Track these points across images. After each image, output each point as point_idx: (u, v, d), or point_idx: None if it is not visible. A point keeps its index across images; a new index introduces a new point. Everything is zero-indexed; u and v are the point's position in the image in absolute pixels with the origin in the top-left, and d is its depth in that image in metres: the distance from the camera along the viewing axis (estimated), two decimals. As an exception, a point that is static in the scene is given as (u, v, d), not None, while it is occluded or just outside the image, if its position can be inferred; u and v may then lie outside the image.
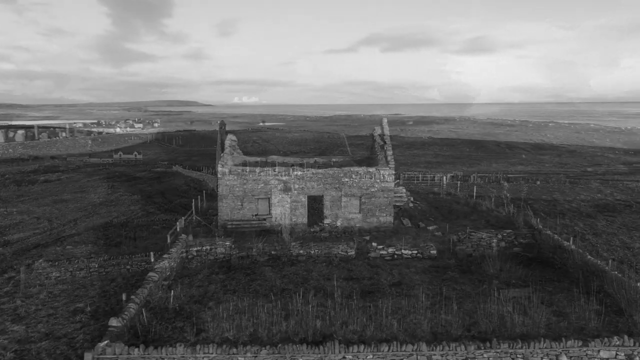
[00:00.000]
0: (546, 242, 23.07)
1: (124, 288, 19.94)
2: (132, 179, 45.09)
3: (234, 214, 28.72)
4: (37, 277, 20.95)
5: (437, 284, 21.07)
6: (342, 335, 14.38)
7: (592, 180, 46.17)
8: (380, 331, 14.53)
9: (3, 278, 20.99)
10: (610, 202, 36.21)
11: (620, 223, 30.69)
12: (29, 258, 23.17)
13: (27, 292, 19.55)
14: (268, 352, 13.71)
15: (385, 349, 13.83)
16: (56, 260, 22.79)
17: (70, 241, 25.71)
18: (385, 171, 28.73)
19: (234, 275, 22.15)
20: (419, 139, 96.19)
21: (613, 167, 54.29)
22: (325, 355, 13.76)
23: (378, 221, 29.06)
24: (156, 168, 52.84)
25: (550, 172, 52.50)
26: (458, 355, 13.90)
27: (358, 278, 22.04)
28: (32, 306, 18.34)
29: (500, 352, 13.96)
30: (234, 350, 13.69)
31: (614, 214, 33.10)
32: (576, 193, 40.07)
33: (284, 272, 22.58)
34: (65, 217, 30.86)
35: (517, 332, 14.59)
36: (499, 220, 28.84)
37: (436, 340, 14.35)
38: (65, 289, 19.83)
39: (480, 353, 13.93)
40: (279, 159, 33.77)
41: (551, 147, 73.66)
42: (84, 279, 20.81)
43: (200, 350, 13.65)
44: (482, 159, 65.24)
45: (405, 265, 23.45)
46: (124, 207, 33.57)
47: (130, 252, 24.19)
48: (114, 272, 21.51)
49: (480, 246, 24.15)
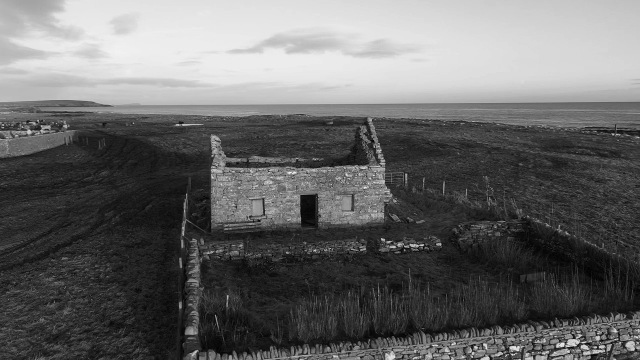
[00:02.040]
0: (539, 231, 25.20)
1: (154, 298, 18.92)
2: (85, 183, 41.96)
3: (228, 216, 28.06)
4: (47, 292, 19.19)
5: (458, 274, 22.33)
6: (423, 325, 14.92)
7: (529, 175, 50.66)
8: (456, 319, 15.25)
9: (5, 296, 18.95)
10: (560, 195, 40.10)
11: (577, 211, 34.10)
12: (25, 273, 21.04)
13: (45, 309, 17.87)
14: (360, 347, 13.92)
15: (467, 335, 14.62)
16: (59, 274, 20.98)
17: (62, 252, 23.63)
18: (377, 169, 29.60)
19: (258, 277, 21.82)
20: (350, 138, 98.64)
21: (539, 162, 59.72)
22: (414, 345, 14.25)
23: (370, 218, 29.88)
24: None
25: (490, 167, 56.61)
26: (528, 336, 15.05)
27: (378, 273, 22.68)
28: (60, 323, 16.85)
29: (562, 330, 15.31)
30: (328, 348, 13.73)
31: (567, 204, 36.71)
32: (524, 187, 43.77)
33: (305, 271, 22.63)
34: (39, 226, 28.21)
35: (570, 311, 16.03)
36: (478, 213, 30.84)
37: (506, 323, 15.38)
38: (88, 303, 18.39)
39: (546, 332, 15.18)
40: (261, 159, 33.43)
41: (476, 144, 79.03)
42: (103, 291, 19.40)
43: (295, 351, 13.52)
44: (420, 156, 68.48)
45: (416, 258, 24.48)
46: (99, 213, 31.35)
47: (136, 259, 22.89)
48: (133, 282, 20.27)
49: (479, 237, 25.79)
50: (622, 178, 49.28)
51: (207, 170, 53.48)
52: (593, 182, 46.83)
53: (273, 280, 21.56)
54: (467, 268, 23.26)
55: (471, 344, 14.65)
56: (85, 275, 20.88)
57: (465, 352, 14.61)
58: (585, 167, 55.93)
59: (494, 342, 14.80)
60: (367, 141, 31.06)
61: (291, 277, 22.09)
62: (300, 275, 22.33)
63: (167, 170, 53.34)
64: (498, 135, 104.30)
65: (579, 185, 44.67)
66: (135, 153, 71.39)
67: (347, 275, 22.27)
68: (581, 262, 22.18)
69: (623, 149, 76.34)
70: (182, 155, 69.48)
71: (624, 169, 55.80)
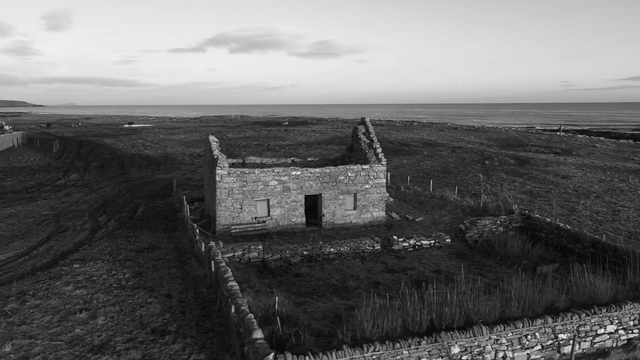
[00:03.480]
0: (540, 225, 26.47)
1: (188, 303, 18.39)
2: (60, 187, 39.76)
3: (233, 218, 27.61)
4: (70, 301, 18.23)
5: (474, 269, 23.09)
6: (480, 317, 15.39)
7: (499, 173, 52.97)
8: (508, 309, 15.85)
9: (26, 307, 17.83)
10: (536, 191, 42.22)
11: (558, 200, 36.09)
12: (40, 282, 19.84)
13: (76, 319, 16.98)
14: (427, 342, 14.20)
15: (521, 326, 15.24)
16: (77, 282, 19.94)
17: (71, 259, 22.41)
18: (378, 168, 30.04)
19: (282, 278, 21.67)
20: (312, 138, 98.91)
21: (504, 160, 62.45)
22: (475, 338, 14.70)
23: (372, 216, 30.27)
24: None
25: (460, 166, 58.59)
26: (573, 324, 15.87)
27: (398, 270, 23.08)
28: (99, 333, 16.08)
29: (601, 317, 16.26)
30: (397, 345, 13.91)
31: (545, 199, 38.69)
32: (499, 184, 45.69)
33: (327, 271, 22.69)
34: (34, 233, 26.60)
35: (604, 299, 17.02)
36: (472, 209, 31.94)
37: (552, 312, 16.14)
38: (120, 311, 17.63)
39: (588, 319, 16.07)
40: (257, 159, 33.10)
41: (438, 144, 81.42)
42: (131, 298, 18.65)
43: (368, 349, 13.62)
44: (389, 155, 69.62)
45: (429, 254, 25.08)
46: (90, 218, 29.92)
47: (152, 265, 22.13)
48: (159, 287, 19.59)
49: (484, 232, 26.76)
50: (583, 174, 52.38)
51: (181, 172, 52.22)
52: (559, 178, 49.51)
53: (300, 281, 21.48)
54: (480, 262, 24.11)
55: (525, 333, 15.29)
56: (105, 283, 19.96)
57: (521, 342, 15.23)
58: (547, 164, 58.99)
59: (544, 331, 15.51)
60: (366, 140, 31.44)
61: (315, 277, 22.09)
62: (324, 274, 22.37)
63: (139, 172, 51.56)
64: (453, 134, 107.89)
65: (548, 182, 47.10)
66: (95, 155, 68.43)
67: (369, 274, 22.53)
68: (586, 254, 23.53)
69: (573, 147, 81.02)
70: (146, 157, 67.29)
71: (581, 165, 59.28)
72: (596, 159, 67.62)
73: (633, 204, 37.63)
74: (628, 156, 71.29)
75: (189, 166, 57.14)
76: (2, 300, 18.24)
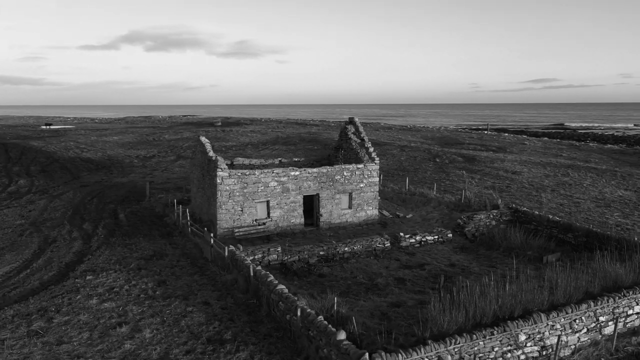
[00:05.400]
0: (528, 217, 28.19)
1: (231, 309, 17.74)
2: (14, 193, 36.25)
3: (234, 221, 26.87)
4: (102, 315, 16.96)
5: (484, 261, 24.18)
6: (535, 306, 16.22)
7: (453, 170, 55.54)
8: (553, 297, 16.82)
9: (55, 324, 16.35)
10: (497, 186, 44.82)
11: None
12: (57, 297, 18.20)
13: (118, 333, 15.85)
14: (498, 332, 14.79)
15: (570, 311, 16.27)
16: (99, 294, 18.53)
17: (80, 270, 20.67)
18: (372, 167, 30.49)
19: (308, 279, 21.50)
20: (254, 139, 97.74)
21: (452, 158, 65.47)
22: (536, 325, 15.51)
23: (366, 215, 30.68)
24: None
25: (414, 164, 60.67)
26: (610, 306, 17.19)
27: (414, 265, 23.66)
28: (153, 347, 15.13)
29: (630, 298, 17.74)
30: (474, 336, 14.35)
31: (511, 194, 41.20)
32: (461, 181, 47.93)
33: (348, 270, 22.76)
34: (21, 244, 24.20)
35: (627, 282, 18.55)
36: (456, 205, 33.34)
37: (586, 298, 17.35)
38: (162, 322, 16.66)
39: (620, 302, 17.48)
40: (245, 161, 32.40)
41: (384, 143, 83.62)
42: (167, 308, 17.66)
43: (451, 343, 13.95)
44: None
45: (435, 249, 25.90)
46: (73, 226, 27.76)
47: (171, 272, 21.06)
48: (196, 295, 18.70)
49: (480, 226, 28.06)
50: (528, 170, 56.19)
51: (138, 175, 49.61)
52: (510, 174, 52.82)
53: (327, 281, 21.41)
54: (486, 255, 25.28)
55: (574, 318, 16.36)
56: (130, 293, 18.73)
57: (572, 326, 16.28)
58: (492, 161, 62.64)
59: (589, 315, 16.68)
60: (357, 140, 31.79)
61: (339, 276, 22.12)
62: (346, 274, 22.43)
63: (91, 177, 48.45)
64: (390, 134, 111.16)
65: (502, 177, 50.11)
66: (29, 159, 63.30)
67: (389, 271, 22.90)
68: (579, 243, 25.44)
69: (505, 145, 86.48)
70: (88, 160, 63.34)
71: (521, 162, 63.50)
72: (530, 155, 72.65)
73: (586, 196, 41.05)
74: (557, 152, 77.32)
75: (143, 169, 54.53)
76: (24, 319, 16.59)
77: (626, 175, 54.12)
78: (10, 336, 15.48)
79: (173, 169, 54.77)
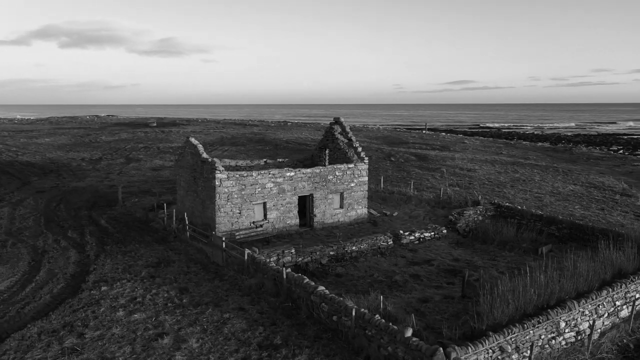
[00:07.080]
0: (511, 212, 29.77)
1: (269, 313, 17.35)
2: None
3: (232, 224, 26.21)
4: (135, 328, 16.01)
5: (483, 255, 25.24)
6: (567, 295, 17.22)
7: (412, 168, 57.30)
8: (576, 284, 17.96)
9: (88, 340, 15.23)
10: (458, 182, 46.80)
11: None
12: (79, 311, 16.89)
13: (161, 345, 15.06)
14: (543, 320, 15.60)
15: (594, 297, 17.46)
16: (122, 306, 17.43)
17: (92, 281, 19.24)
18: (361, 166, 30.86)
19: (327, 279, 21.48)
20: (199, 139, 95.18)
21: (406, 157, 67.44)
22: (570, 312, 16.51)
23: (356, 214, 30.99)
24: None
25: (373, 162, 61.86)
26: (622, 291, 18.61)
27: (421, 262, 24.28)
28: (204, 356, 14.53)
29: (637, 284, 19.29)
30: (526, 325, 15.06)
31: (477, 190, 43.15)
32: (425, 179, 49.56)
33: (361, 268, 22.95)
34: (9, 256, 22.07)
35: (631, 269, 20.14)
36: (437, 202, 34.50)
37: (603, 285, 18.67)
38: (204, 330, 16.01)
39: (630, 287, 18.97)
40: (232, 162, 31.65)
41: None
42: (201, 315, 16.98)
43: (508, 333, 14.53)
44: (295, 155, 70.67)
45: (434, 245, 26.71)
46: (56, 235, 25.76)
47: (188, 279, 20.22)
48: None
49: (469, 221, 29.24)
50: (480, 167, 59.10)
51: (94, 179, 46.77)
52: (465, 171, 55.32)
53: (346, 281, 21.51)
54: (483, 249, 26.42)
55: (598, 304, 17.57)
56: (156, 303, 17.77)
57: (597, 312, 17.49)
58: (443, 159, 65.22)
59: (609, 300, 17.98)
60: (344, 140, 32.01)
61: (355, 275, 22.27)
62: (361, 272, 22.62)
63: (42, 182, 45.13)
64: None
65: (460, 175, 52.36)
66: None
67: (400, 268, 23.36)
68: (563, 235, 27.23)
69: (447, 144, 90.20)
70: (30, 164, 58.92)
71: (469, 160, 66.65)
72: (475, 153, 76.28)
73: (543, 191, 43.87)
74: (497, 150, 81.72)
75: (96, 172, 51.55)
76: (51, 336, 15.27)
77: (567, 170, 58.39)
78: (44, 355, 14.22)
79: (129, 172, 52.23)
